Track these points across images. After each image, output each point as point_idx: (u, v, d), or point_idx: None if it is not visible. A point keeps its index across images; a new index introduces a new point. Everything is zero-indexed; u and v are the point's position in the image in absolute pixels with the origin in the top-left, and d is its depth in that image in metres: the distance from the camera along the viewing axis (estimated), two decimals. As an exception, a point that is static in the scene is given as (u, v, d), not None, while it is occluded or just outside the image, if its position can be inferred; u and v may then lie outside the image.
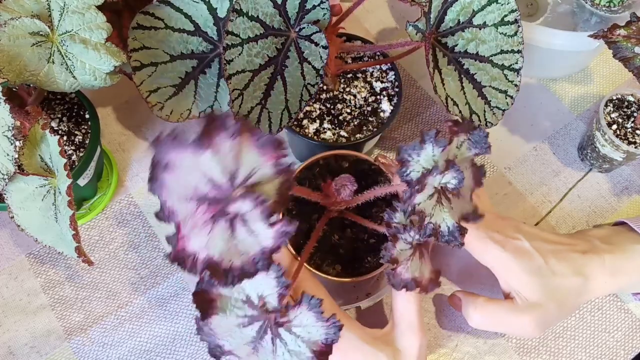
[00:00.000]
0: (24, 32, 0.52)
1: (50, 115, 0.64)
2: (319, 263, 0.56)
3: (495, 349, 0.61)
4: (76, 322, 0.62)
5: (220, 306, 0.42)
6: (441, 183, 0.43)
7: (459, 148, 0.45)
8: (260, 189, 0.38)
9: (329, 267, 0.56)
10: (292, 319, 0.42)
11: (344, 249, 0.56)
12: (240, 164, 0.38)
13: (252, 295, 0.42)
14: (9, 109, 0.50)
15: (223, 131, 0.38)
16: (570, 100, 0.77)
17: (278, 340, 0.42)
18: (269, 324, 0.42)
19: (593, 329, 0.62)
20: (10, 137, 0.50)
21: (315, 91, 0.55)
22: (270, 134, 0.41)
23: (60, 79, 0.54)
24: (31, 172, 0.53)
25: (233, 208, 0.38)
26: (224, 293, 0.43)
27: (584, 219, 0.69)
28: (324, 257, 0.56)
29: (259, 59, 0.56)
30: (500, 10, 0.58)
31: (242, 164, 0.38)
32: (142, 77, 0.61)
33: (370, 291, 0.61)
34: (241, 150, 0.38)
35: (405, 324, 0.51)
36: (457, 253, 0.66)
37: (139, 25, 0.60)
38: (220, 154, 0.38)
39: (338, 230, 0.57)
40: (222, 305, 0.42)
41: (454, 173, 0.42)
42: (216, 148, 0.38)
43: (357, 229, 0.57)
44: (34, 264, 0.65)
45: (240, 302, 0.43)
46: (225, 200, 0.38)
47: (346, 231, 0.57)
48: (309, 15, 0.55)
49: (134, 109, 0.75)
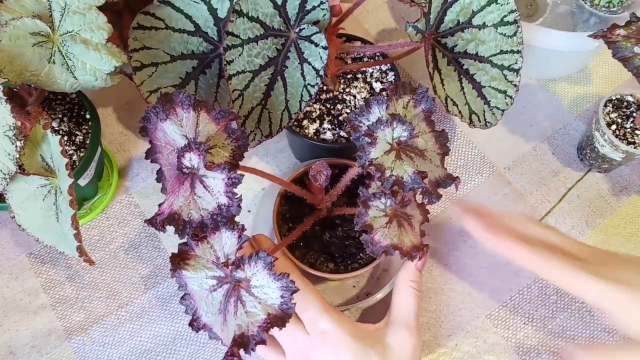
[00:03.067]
0: (25, 32, 0.52)
1: (51, 116, 0.64)
2: (312, 262, 0.57)
3: (495, 349, 0.61)
4: (77, 321, 0.62)
5: (193, 265, 0.45)
6: (395, 138, 0.46)
7: (406, 108, 0.49)
8: (216, 151, 0.44)
9: (322, 265, 0.57)
10: (251, 278, 0.43)
11: (336, 247, 0.57)
12: (198, 132, 0.45)
13: (220, 254, 0.44)
14: (10, 109, 0.50)
15: (180, 105, 0.46)
16: (570, 100, 0.77)
17: (239, 302, 0.43)
18: (232, 286, 0.44)
19: (593, 329, 0.63)
20: (11, 137, 0.50)
21: (315, 92, 0.56)
22: (232, 112, 0.45)
23: (61, 79, 0.54)
24: (32, 172, 0.53)
25: (187, 164, 0.43)
26: (198, 253, 0.45)
27: (583, 219, 0.69)
28: (317, 257, 0.57)
29: (259, 60, 0.56)
30: (500, 10, 0.58)
31: (199, 132, 0.45)
32: (142, 77, 0.61)
33: (370, 291, 0.62)
34: (198, 121, 0.45)
35: (402, 322, 0.51)
36: (458, 252, 0.66)
37: (139, 25, 0.60)
38: (180, 123, 0.45)
39: (329, 229, 0.58)
40: (195, 264, 0.45)
41: (401, 124, 0.46)
42: (176, 118, 0.45)
43: (347, 227, 0.58)
44: (34, 263, 0.65)
45: (211, 262, 0.45)
46: (181, 159, 0.44)
47: (337, 230, 0.58)
48: (309, 15, 0.55)
49: (134, 109, 0.75)
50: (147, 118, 0.46)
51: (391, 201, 0.49)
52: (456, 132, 0.74)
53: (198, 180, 0.44)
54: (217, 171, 0.43)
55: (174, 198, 0.44)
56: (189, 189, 0.44)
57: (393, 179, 0.45)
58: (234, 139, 0.45)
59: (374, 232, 0.48)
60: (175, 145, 0.46)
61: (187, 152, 0.43)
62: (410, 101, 0.49)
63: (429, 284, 0.64)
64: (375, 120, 0.47)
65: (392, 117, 0.46)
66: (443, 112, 0.75)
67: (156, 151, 0.47)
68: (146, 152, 0.47)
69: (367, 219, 0.48)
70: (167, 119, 0.46)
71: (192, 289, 0.45)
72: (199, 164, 0.43)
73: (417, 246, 0.49)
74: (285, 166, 0.71)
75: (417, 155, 0.47)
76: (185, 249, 0.45)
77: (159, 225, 0.43)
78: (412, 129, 0.46)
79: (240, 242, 0.43)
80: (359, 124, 0.48)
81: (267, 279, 0.42)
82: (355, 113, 0.48)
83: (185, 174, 0.44)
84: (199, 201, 0.43)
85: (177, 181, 0.44)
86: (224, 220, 0.43)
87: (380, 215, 0.49)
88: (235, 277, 0.43)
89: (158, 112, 0.46)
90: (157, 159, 0.48)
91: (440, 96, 0.57)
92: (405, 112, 0.49)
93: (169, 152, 0.47)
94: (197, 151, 0.43)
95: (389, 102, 0.48)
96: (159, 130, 0.46)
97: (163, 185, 0.48)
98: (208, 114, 0.46)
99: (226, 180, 0.43)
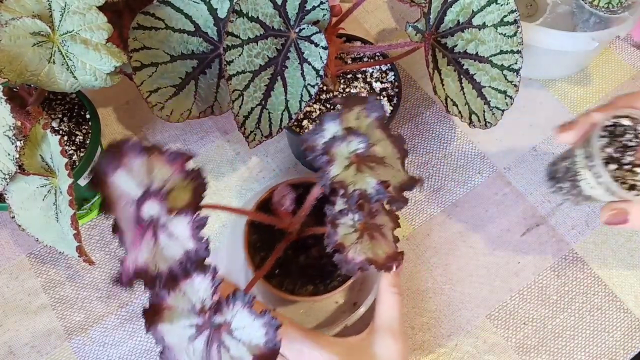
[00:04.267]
0: (25, 32, 0.52)
1: (51, 116, 0.64)
2: (290, 288, 0.56)
3: (494, 349, 0.61)
4: (77, 321, 0.62)
5: (168, 316, 0.43)
6: (352, 151, 0.46)
7: (359, 119, 0.48)
8: (175, 195, 0.42)
9: (302, 289, 0.56)
10: (231, 320, 0.42)
11: (313, 269, 0.56)
12: (153, 178, 0.43)
13: (195, 301, 0.43)
14: (10, 109, 0.50)
15: (129, 153, 0.43)
16: (570, 100, 0.77)
17: (222, 347, 0.42)
18: (213, 332, 0.43)
19: (593, 329, 0.63)
20: (11, 137, 0.50)
21: (315, 92, 0.56)
22: (184, 152, 0.45)
23: (61, 79, 0.54)
24: (32, 172, 0.53)
25: (146, 214, 0.41)
26: (172, 304, 0.43)
27: (582, 218, 0.69)
28: (295, 281, 0.56)
29: (259, 60, 0.56)
30: (500, 10, 0.58)
31: (154, 178, 0.43)
32: (142, 77, 0.61)
33: (356, 300, 0.61)
34: (151, 167, 0.43)
35: (386, 329, 0.51)
36: (458, 252, 0.66)
37: (139, 25, 0.60)
38: (133, 171, 0.43)
39: (303, 251, 0.57)
40: (170, 315, 0.43)
41: (356, 137, 0.45)
42: (127, 167, 0.43)
43: (321, 246, 0.56)
44: (34, 263, 0.65)
45: (186, 311, 0.43)
46: (139, 210, 0.42)
47: (311, 251, 0.57)
48: (308, 16, 0.55)
49: (134, 109, 0.75)
50: (96, 170, 0.44)
51: (359, 215, 0.48)
52: (456, 132, 0.74)
53: (161, 228, 0.42)
54: (180, 216, 0.41)
55: (137, 252, 0.42)
56: (152, 240, 0.42)
57: (357, 194, 0.44)
58: (192, 178, 0.43)
59: (346, 250, 0.47)
60: (130, 195, 0.44)
61: (144, 201, 0.41)
62: (361, 111, 0.48)
63: (429, 284, 0.64)
64: (330, 138, 0.46)
65: (346, 131, 0.46)
66: (443, 112, 0.75)
67: (110, 204, 0.45)
68: (99, 208, 0.46)
69: (337, 238, 0.47)
70: (117, 169, 0.43)
71: (171, 342, 0.43)
72: (159, 212, 0.41)
73: (392, 256, 0.49)
74: (285, 166, 0.71)
75: (377, 164, 0.47)
76: (158, 302, 0.43)
77: (126, 284, 0.41)
78: (368, 140, 0.45)
79: (214, 285, 0.42)
80: (314, 144, 0.47)
81: (248, 318, 0.41)
82: (308, 133, 0.47)
83: (145, 224, 0.42)
84: (164, 251, 0.42)
85: (139, 233, 0.42)
86: (193, 266, 0.41)
87: (350, 231, 0.48)
88: (215, 322, 0.42)
89: (107, 164, 0.43)
90: (112, 211, 0.45)
91: (440, 96, 0.57)
92: (359, 123, 0.48)
93: (125, 203, 0.44)
94: (155, 199, 0.41)
95: (341, 116, 0.47)
96: (110, 182, 0.44)
97: (121, 239, 0.46)
98: (161, 157, 0.43)
99: (191, 224, 0.41)
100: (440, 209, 0.69)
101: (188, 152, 0.44)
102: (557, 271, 0.65)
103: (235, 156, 0.72)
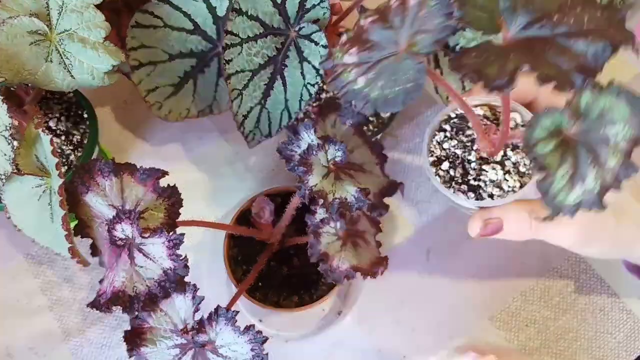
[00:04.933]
0: (22, 30, 0.52)
1: (48, 115, 0.63)
2: (275, 300, 0.55)
3: (496, 351, 0.61)
4: (74, 323, 0.62)
5: (150, 338, 0.42)
6: (330, 160, 0.45)
7: (335, 126, 0.48)
8: (149, 214, 0.42)
9: (287, 300, 0.55)
10: (216, 338, 0.41)
11: (297, 279, 0.56)
12: (125, 198, 0.43)
13: (177, 320, 0.42)
14: (6, 108, 0.49)
15: (99, 174, 0.43)
16: (572, 100, 0.77)
17: None
18: (198, 351, 0.42)
19: (595, 331, 0.62)
20: (7, 137, 0.49)
21: (315, 91, 0.55)
22: (157, 170, 0.44)
23: (58, 78, 0.53)
24: (27, 172, 0.53)
25: (119, 235, 0.41)
26: (153, 325, 0.43)
27: (585, 219, 0.68)
28: (279, 293, 0.56)
29: (258, 59, 0.55)
30: (502, 9, 0.58)
31: (127, 199, 0.43)
32: (140, 76, 0.61)
33: (341, 309, 0.61)
34: (123, 187, 0.43)
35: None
36: (458, 253, 0.66)
37: (137, 23, 0.60)
38: (104, 193, 0.43)
39: (285, 262, 0.57)
40: (153, 336, 0.42)
41: (333, 145, 0.45)
42: (98, 188, 0.43)
43: (303, 256, 0.55)
44: (32, 264, 0.65)
45: (169, 331, 0.42)
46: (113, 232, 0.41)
47: (293, 261, 0.57)
48: (308, 14, 0.55)
49: (132, 109, 0.75)
50: (67, 191, 0.43)
51: (341, 223, 0.48)
52: (457, 132, 0.74)
53: (136, 249, 0.41)
54: (155, 236, 0.40)
55: (113, 274, 0.41)
56: (128, 261, 0.41)
57: (337, 203, 0.44)
58: (166, 197, 0.42)
59: (330, 259, 0.46)
60: (103, 217, 0.43)
61: (117, 223, 0.40)
62: (337, 119, 0.48)
63: (429, 284, 0.64)
64: (306, 147, 0.45)
65: (323, 139, 0.45)
66: (444, 112, 0.75)
67: (84, 226, 0.44)
68: (74, 229, 0.45)
69: (320, 248, 0.46)
70: (88, 191, 0.43)
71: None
72: (133, 233, 0.40)
73: (376, 262, 0.49)
74: (285, 166, 0.71)
75: (356, 171, 0.46)
76: (139, 324, 0.43)
77: (103, 307, 0.41)
78: (345, 147, 0.45)
79: (195, 303, 0.41)
80: (290, 154, 0.46)
81: (233, 335, 0.40)
82: (284, 143, 0.47)
83: (120, 246, 0.41)
84: (141, 271, 0.41)
85: (114, 254, 0.42)
86: (173, 285, 0.41)
87: (333, 239, 0.48)
88: (199, 341, 0.41)
89: (77, 186, 0.43)
90: (87, 233, 0.45)
91: (441, 95, 0.57)
92: (335, 130, 0.48)
93: (99, 224, 0.44)
94: (128, 220, 0.40)
95: (316, 125, 0.46)
96: (82, 204, 0.43)
97: (100, 260, 0.46)
98: (132, 176, 0.43)
99: (167, 244, 0.40)
100: (442, 208, 0.69)
101: (161, 170, 0.43)
102: (559, 272, 0.65)
103: (235, 156, 0.71)
